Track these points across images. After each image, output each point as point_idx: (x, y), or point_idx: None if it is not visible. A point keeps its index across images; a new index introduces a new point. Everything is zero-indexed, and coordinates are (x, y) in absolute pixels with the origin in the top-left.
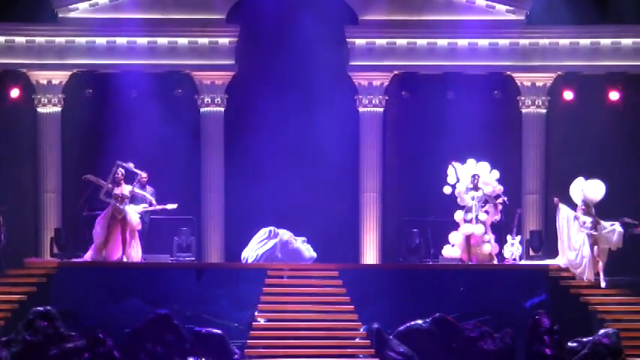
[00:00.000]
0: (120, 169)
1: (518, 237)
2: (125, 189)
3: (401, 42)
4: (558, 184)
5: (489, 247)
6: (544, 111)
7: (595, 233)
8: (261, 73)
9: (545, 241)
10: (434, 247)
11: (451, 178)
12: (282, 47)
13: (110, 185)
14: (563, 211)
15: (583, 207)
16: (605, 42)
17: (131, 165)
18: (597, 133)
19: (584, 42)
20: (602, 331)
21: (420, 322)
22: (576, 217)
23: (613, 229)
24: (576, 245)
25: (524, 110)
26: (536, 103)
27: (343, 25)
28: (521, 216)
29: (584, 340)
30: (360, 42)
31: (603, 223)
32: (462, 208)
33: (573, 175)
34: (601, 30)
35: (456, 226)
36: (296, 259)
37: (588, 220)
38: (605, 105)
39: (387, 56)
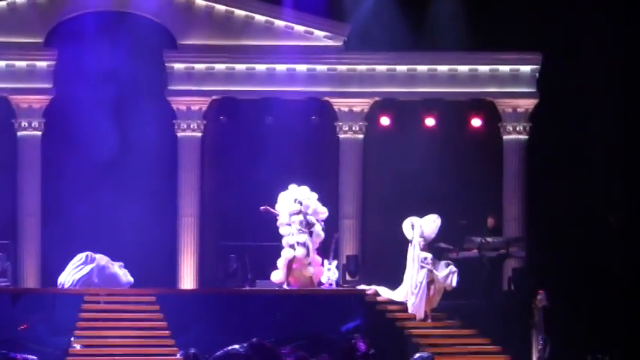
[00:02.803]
0: None
1: (335, 262)
2: None
3: (220, 67)
4: (375, 209)
5: (312, 271)
6: (361, 136)
7: (436, 273)
8: (80, 97)
9: (362, 265)
10: (251, 271)
11: (280, 206)
12: (100, 71)
13: None
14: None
15: (423, 243)
16: (422, 68)
17: None
18: (414, 159)
19: (401, 68)
20: (417, 355)
21: (237, 347)
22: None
23: (449, 269)
24: (419, 279)
25: (341, 135)
26: (354, 128)
27: (162, 49)
28: (338, 240)
29: None
30: (178, 66)
31: (440, 262)
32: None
33: (390, 200)
34: (417, 57)
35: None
36: (113, 284)
37: (429, 256)
38: (421, 131)
39: (206, 81)
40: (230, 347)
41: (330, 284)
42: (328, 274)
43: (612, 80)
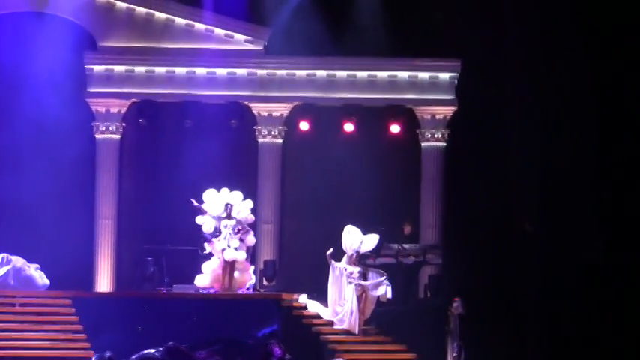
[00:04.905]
0: None
1: (252, 266)
2: None
3: (140, 69)
4: (293, 214)
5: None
6: (280, 141)
7: (364, 283)
8: None
9: (279, 270)
10: (168, 275)
11: (206, 209)
12: (19, 72)
13: None
14: (338, 265)
15: (354, 257)
16: (341, 74)
17: None
18: (333, 164)
19: (321, 73)
20: None
21: (152, 350)
22: (345, 269)
23: (382, 280)
24: (347, 297)
25: (260, 140)
26: (273, 133)
27: (82, 50)
28: (255, 245)
29: None
30: (98, 68)
31: (371, 273)
32: (216, 236)
33: (308, 205)
34: (337, 62)
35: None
36: (29, 286)
37: (356, 270)
38: (340, 136)
39: (126, 83)
40: (146, 351)
41: (247, 289)
42: None
43: (531, 87)
